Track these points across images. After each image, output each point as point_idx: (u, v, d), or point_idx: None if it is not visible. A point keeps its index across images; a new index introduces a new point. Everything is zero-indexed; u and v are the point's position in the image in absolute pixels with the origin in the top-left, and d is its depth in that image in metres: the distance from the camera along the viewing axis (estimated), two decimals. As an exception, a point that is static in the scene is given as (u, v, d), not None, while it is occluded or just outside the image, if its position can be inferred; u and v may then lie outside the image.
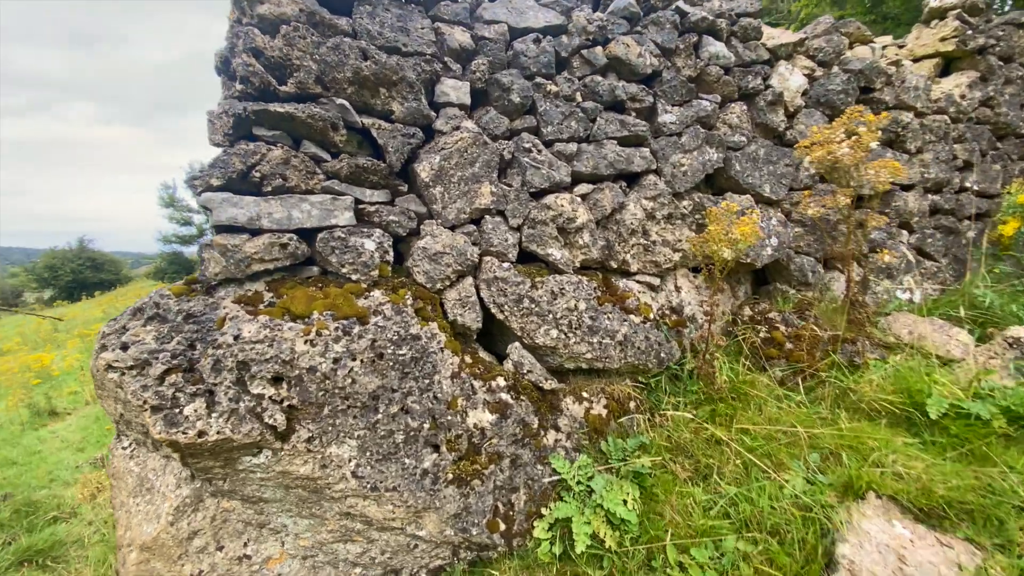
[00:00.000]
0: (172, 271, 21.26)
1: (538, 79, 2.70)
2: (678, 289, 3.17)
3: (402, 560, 2.21)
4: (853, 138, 2.69)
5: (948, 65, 4.11)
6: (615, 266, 2.88)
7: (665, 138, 3.02)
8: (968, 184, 3.87)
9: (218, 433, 1.76)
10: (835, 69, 3.58)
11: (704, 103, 3.15)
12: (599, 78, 2.86)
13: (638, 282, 3.00)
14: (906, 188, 3.73)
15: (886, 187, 2.63)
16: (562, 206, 2.59)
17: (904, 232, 3.73)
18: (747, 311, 3.31)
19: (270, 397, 1.87)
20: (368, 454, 2.01)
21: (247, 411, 1.82)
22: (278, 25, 2.10)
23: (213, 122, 2.19)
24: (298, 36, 2.11)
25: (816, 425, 2.34)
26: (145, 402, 1.73)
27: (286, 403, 1.90)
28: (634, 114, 2.97)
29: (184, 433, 1.73)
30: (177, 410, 1.75)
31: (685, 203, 3.09)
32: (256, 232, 2.03)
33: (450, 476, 2.16)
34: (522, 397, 2.40)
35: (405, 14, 2.39)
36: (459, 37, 2.50)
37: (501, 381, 2.38)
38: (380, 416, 2.04)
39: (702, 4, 3.27)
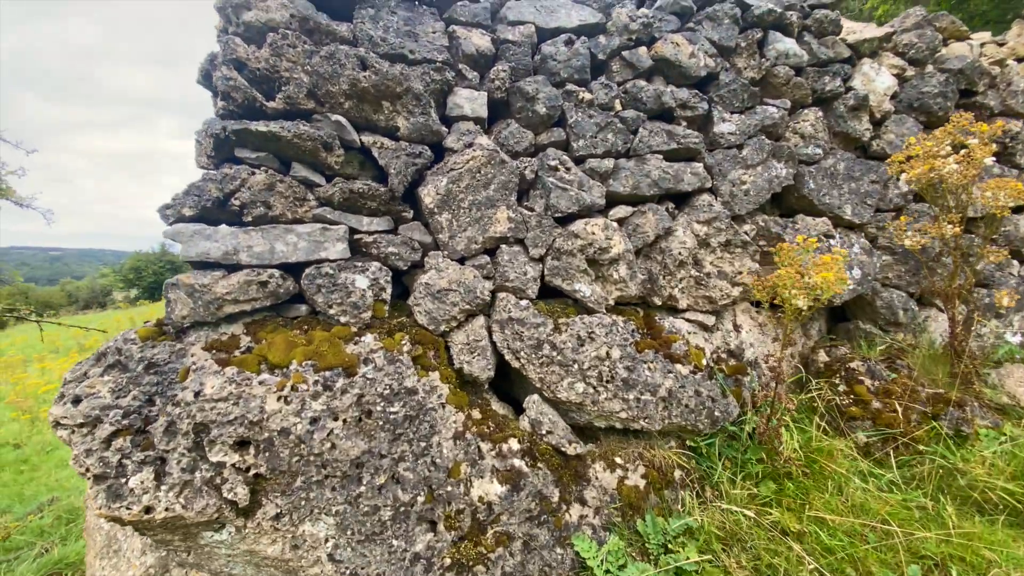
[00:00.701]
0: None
1: (569, 86, 2.33)
2: (737, 328, 2.69)
3: (393, 652, 1.86)
4: (962, 152, 2.14)
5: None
6: (659, 302, 2.45)
7: (722, 151, 2.57)
8: (1110, 202, 3.12)
9: (167, 510, 1.49)
10: (929, 68, 2.99)
11: (770, 109, 2.67)
12: (642, 83, 2.45)
13: (688, 320, 2.55)
14: (1017, 210, 3.05)
15: (1005, 212, 2.06)
16: (593, 233, 2.20)
17: (1015, 262, 3.05)
18: (822, 356, 2.77)
19: (233, 465, 1.58)
20: (348, 533, 1.69)
21: (204, 483, 1.54)
22: (266, 33, 1.85)
23: (200, 142, 1.97)
24: (287, 45, 1.85)
25: (915, 519, 1.81)
26: (88, 469, 1.49)
27: (252, 472, 1.61)
28: (685, 123, 2.54)
29: (128, 509, 1.47)
30: (123, 480, 1.49)
31: (747, 227, 2.61)
32: (233, 268, 1.77)
33: (447, 561, 1.80)
34: (539, 464, 2.01)
35: (414, 17, 2.10)
36: (477, 41, 2.18)
37: (515, 444, 2.00)
38: (364, 488, 1.72)
39: (767, -5, 2.79)
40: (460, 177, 2.03)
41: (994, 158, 3.01)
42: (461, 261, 2.09)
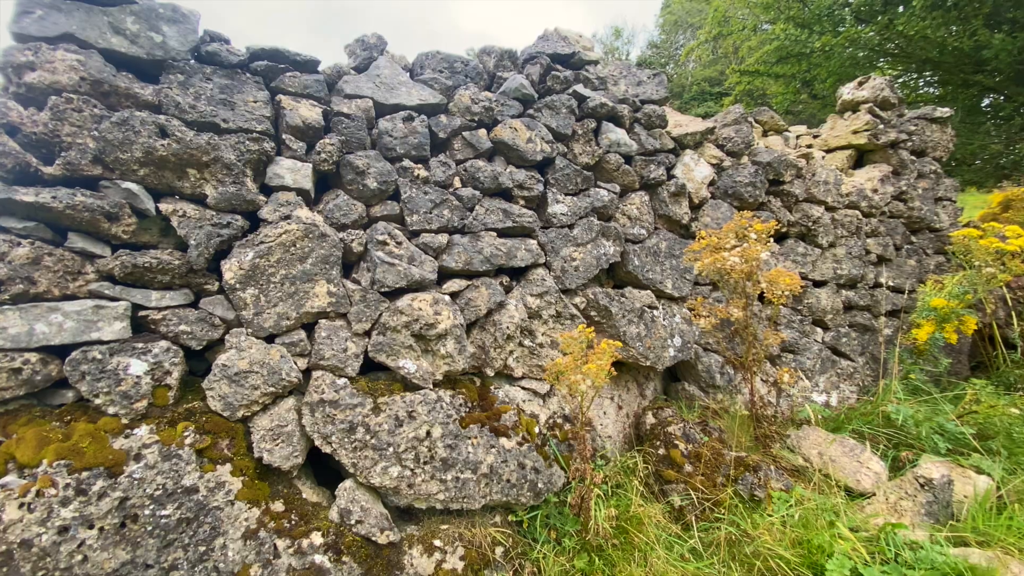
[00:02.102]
0: None
1: (406, 162, 2.37)
2: (565, 396, 2.80)
3: None
4: (743, 246, 2.45)
5: (861, 157, 4.09)
6: (492, 373, 2.49)
7: (556, 230, 2.73)
8: (882, 280, 3.74)
9: None
10: (744, 160, 3.45)
11: (602, 192, 2.90)
12: (481, 163, 2.57)
13: (524, 388, 2.62)
14: (819, 284, 3.56)
15: (783, 301, 2.38)
16: (420, 309, 2.20)
17: (818, 329, 3.53)
18: (649, 419, 2.96)
19: (-69, 599, 1.33)
20: (94, 663, 1.47)
21: None
22: (49, 95, 1.70)
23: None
24: (71, 109, 1.70)
25: (706, 591, 1.94)
26: None
27: (-39, 603, 1.36)
28: (522, 202, 2.68)
29: None
30: None
31: (577, 299, 2.77)
32: (-28, 354, 1.54)
33: None
34: (344, 558, 1.91)
35: (234, 85, 2.04)
36: (304, 113, 2.16)
37: (317, 538, 1.89)
38: (119, 607, 1.52)
39: (606, 88, 3.09)
40: (271, 251, 1.96)
41: (800, 239, 3.51)
42: (270, 339, 1.99)
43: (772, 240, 2.45)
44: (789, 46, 6.60)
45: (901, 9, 5.73)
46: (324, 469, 2.21)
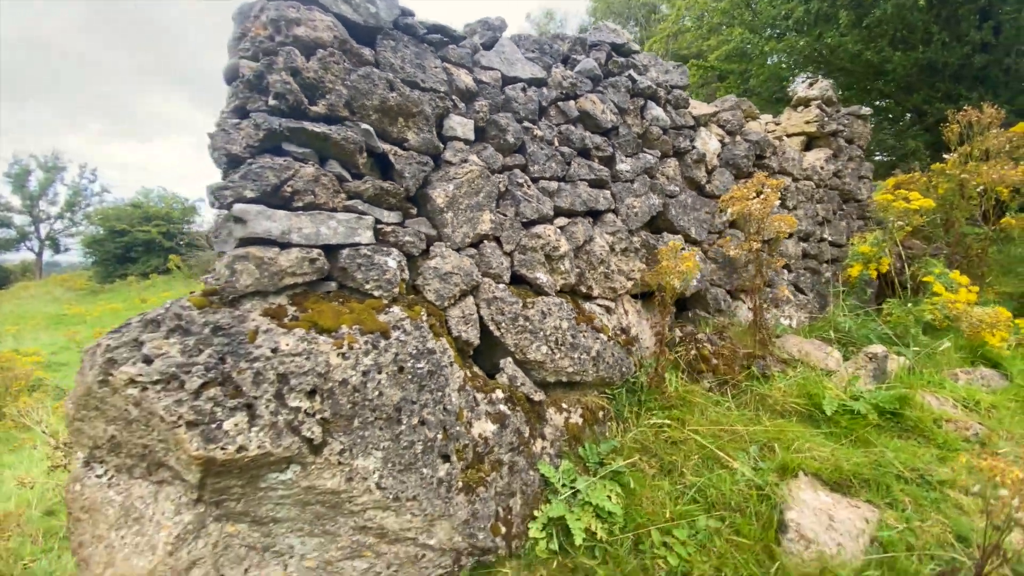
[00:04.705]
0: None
1: (525, 123, 3.03)
2: (626, 312, 3.65)
3: (406, 573, 2.28)
4: (761, 196, 3.41)
5: (811, 142, 5.28)
6: (584, 291, 3.27)
7: (621, 183, 3.53)
8: (826, 235, 4.98)
9: (259, 447, 1.75)
10: (738, 138, 4.44)
11: (648, 156, 3.73)
12: (572, 128, 3.28)
13: (599, 305, 3.42)
14: (787, 236, 4.69)
15: (784, 235, 3.38)
16: (549, 236, 2.92)
17: (785, 272, 4.67)
18: (677, 332, 3.90)
19: (305, 410, 1.89)
20: (391, 465, 2.10)
21: (285, 425, 1.83)
22: (313, 48, 2.17)
23: (228, 132, 2.17)
24: (333, 61, 2.20)
25: (748, 424, 2.90)
26: (180, 417, 1.67)
27: (319, 416, 1.93)
28: (597, 161, 3.44)
29: (223, 449, 1.70)
30: (215, 425, 1.71)
31: (636, 239, 3.60)
32: (284, 246, 2.05)
33: (460, 484, 2.31)
34: (517, 408, 2.63)
35: (421, 52, 2.59)
36: (464, 79, 2.75)
37: (499, 393, 2.59)
38: (403, 427, 2.15)
39: (645, 74, 3.89)
40: (462, 185, 2.57)
41: (779, 202, 4.59)
42: (458, 251, 2.62)
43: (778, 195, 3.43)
44: (743, 47, 7.82)
45: (829, 25, 7.11)
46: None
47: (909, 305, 4.02)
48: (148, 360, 1.72)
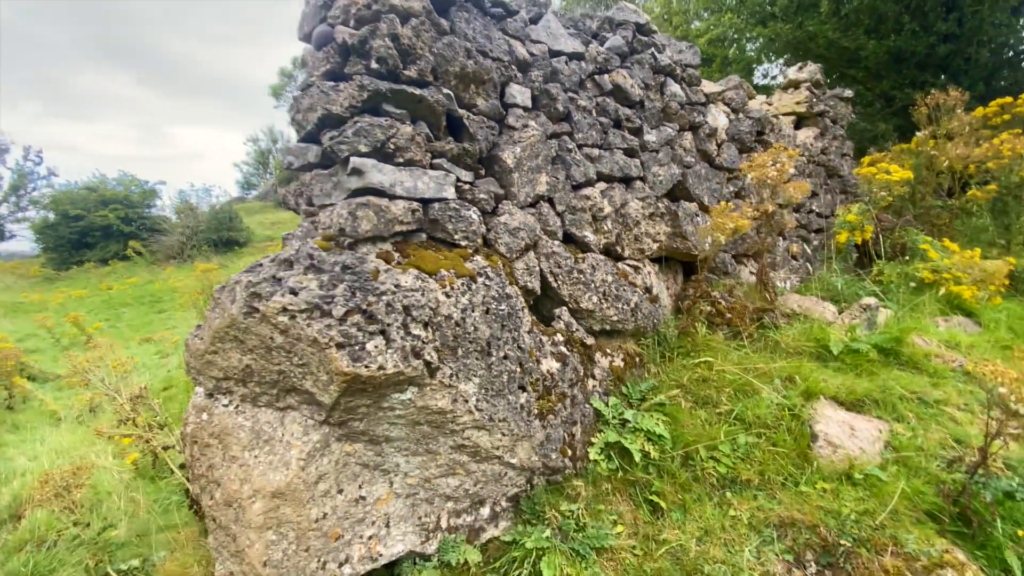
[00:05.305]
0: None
1: (570, 93, 3.30)
2: (649, 273, 4.01)
3: (489, 490, 2.59)
4: (777, 164, 3.81)
5: (800, 121, 5.74)
6: (617, 251, 3.59)
7: (648, 153, 3.85)
8: (814, 207, 5.46)
9: (394, 366, 2.01)
10: (741, 115, 4.83)
11: (668, 129, 4.06)
12: (607, 100, 3.57)
13: (628, 265, 3.76)
14: (781, 206, 5.14)
15: (796, 200, 3.79)
16: (596, 197, 3.22)
17: (780, 239, 5.14)
18: (691, 291, 4.30)
19: (423, 338, 2.15)
20: (484, 391, 2.38)
21: (410, 349, 2.08)
22: (407, 17, 2.38)
23: (327, 93, 2.36)
24: (423, 29, 2.42)
25: (768, 363, 3.32)
26: (331, 340, 1.90)
27: (431, 345, 2.19)
28: (628, 131, 3.75)
29: (367, 367, 1.95)
30: (358, 347, 1.95)
31: (660, 204, 3.95)
32: (392, 197, 2.28)
33: (536, 411, 2.62)
34: (574, 350, 2.95)
35: (487, 23, 2.82)
36: (520, 50, 2.99)
37: (559, 336, 2.90)
38: (493, 359, 2.43)
39: (663, 52, 4.21)
40: (526, 148, 2.84)
41: (796, 170, 5.03)
42: (522, 209, 2.89)
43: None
44: (730, 34, 8.25)
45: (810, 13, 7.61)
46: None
47: (901, 266, 4.54)
48: (295, 292, 1.94)
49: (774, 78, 10.60)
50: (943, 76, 7.23)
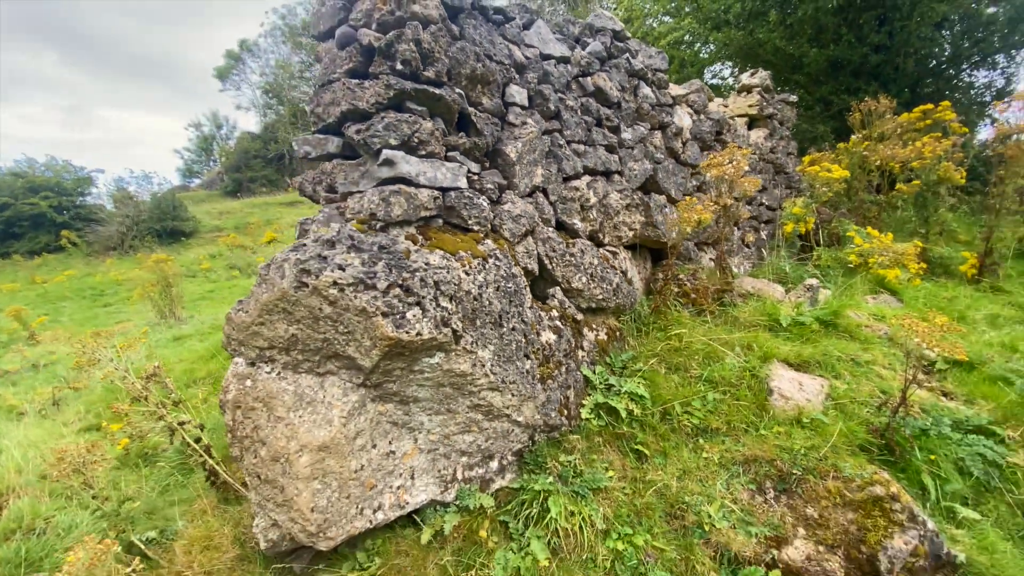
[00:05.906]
0: None
1: (559, 94, 3.66)
2: (624, 259, 4.45)
3: (498, 446, 2.94)
4: (732, 162, 4.32)
5: (752, 123, 6.34)
6: (599, 239, 4.00)
7: (625, 150, 4.27)
8: (764, 200, 6.09)
9: (429, 333, 2.31)
10: (703, 116, 5.34)
11: (641, 128, 4.50)
12: (590, 100, 3.95)
13: (608, 250, 4.18)
14: (737, 199, 5.72)
15: (750, 194, 4.31)
16: (583, 188, 3.60)
17: (735, 228, 5.72)
18: (660, 275, 4.78)
19: (449, 310, 2.46)
20: (497, 357, 2.72)
21: (441, 319, 2.39)
22: (426, 23, 2.65)
23: (353, 90, 2.61)
24: (440, 35, 2.70)
25: (728, 334, 3.83)
26: (377, 309, 2.19)
27: (456, 316, 2.50)
28: (607, 129, 4.14)
29: (407, 333, 2.24)
30: (399, 316, 2.24)
31: (636, 196, 4.38)
32: (417, 186, 2.56)
33: (538, 375, 2.98)
34: (567, 325, 3.34)
35: (490, 29, 3.12)
36: (518, 54, 3.32)
37: (555, 312, 3.28)
38: (504, 330, 2.77)
39: (636, 57, 4.63)
40: (526, 143, 3.17)
41: (748, 168, 5.58)
42: (522, 199, 3.22)
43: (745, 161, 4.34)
44: (687, 37, 8.83)
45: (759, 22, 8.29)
46: (524, 288, 3.52)
47: (836, 252, 5.20)
48: (342, 268, 2.21)
49: (724, 79, 11.44)
50: (875, 83, 8.10)
